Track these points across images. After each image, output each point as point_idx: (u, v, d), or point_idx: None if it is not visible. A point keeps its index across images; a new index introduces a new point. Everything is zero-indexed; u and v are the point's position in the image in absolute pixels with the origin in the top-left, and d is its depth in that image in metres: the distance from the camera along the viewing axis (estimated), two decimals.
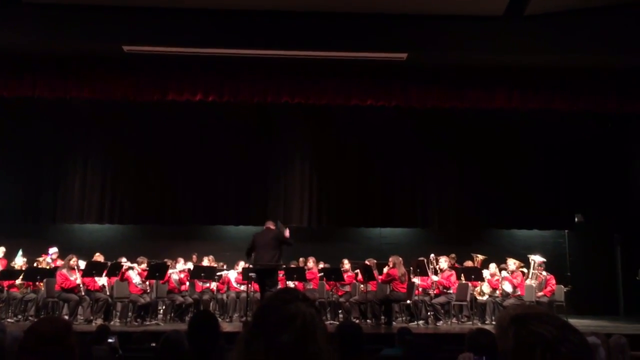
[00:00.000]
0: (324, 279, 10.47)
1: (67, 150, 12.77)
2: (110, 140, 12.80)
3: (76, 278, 9.59)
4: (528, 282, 10.54)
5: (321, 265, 11.09)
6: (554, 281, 10.47)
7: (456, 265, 11.00)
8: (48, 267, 10.35)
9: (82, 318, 9.51)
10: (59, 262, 10.36)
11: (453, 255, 11.25)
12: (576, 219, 12.78)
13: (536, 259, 10.81)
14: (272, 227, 9.12)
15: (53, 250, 10.77)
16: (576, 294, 11.69)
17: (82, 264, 9.93)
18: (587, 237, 13.04)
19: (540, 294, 10.35)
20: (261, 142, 12.87)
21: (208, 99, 9.98)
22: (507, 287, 10.32)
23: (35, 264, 10.62)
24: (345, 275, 10.38)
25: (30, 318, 9.65)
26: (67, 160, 12.74)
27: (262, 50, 9.47)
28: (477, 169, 12.90)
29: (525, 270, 10.75)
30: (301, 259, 11.29)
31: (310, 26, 9.21)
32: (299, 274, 10.00)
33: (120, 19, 9.07)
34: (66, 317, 8.97)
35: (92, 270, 9.63)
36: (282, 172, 12.84)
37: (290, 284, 9.86)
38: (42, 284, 9.99)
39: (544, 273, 10.58)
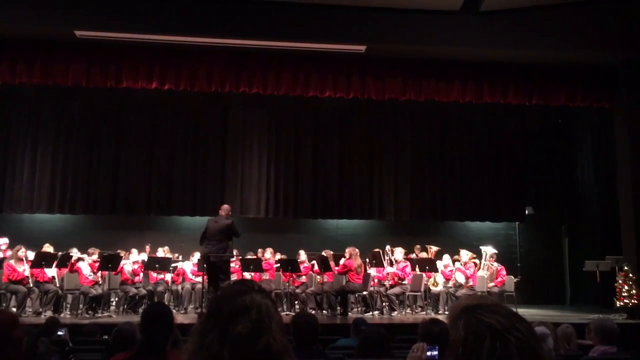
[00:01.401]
0: (281, 270, 10.47)
1: (15, 137, 12.32)
2: (61, 127, 12.42)
3: (24, 269, 9.31)
4: (480, 273, 10.78)
5: (278, 257, 11.08)
6: (504, 272, 10.75)
7: (410, 256, 11.16)
8: None
9: (30, 310, 9.25)
10: (8, 253, 10.03)
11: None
12: (526, 212, 13.16)
13: (488, 250, 11.07)
14: (224, 213, 8.99)
15: (3, 240, 10.40)
16: (525, 284, 12.05)
17: (31, 255, 9.63)
18: (536, 229, 13.45)
19: (491, 284, 10.61)
20: (218, 132, 12.73)
21: (164, 87, 9.81)
22: (460, 278, 10.54)
23: None
24: (301, 267, 10.40)
25: None
26: (15, 148, 12.29)
27: (221, 39, 9.36)
28: (432, 162, 13.11)
29: (477, 261, 10.99)
30: (259, 250, 11.25)
31: (270, 16, 9.14)
32: (256, 264, 9.97)
33: (73, 2, 8.80)
34: (14, 310, 8.71)
35: (42, 261, 9.35)
36: (239, 163, 12.72)
37: (247, 274, 9.83)
38: None
39: (495, 264, 10.84)
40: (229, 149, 12.71)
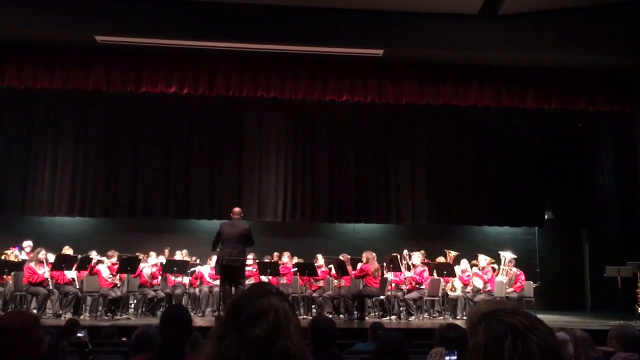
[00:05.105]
0: (298, 274, 10.47)
1: (36, 141, 12.51)
2: (81, 131, 12.59)
3: (44, 272, 9.43)
4: (498, 278, 10.68)
5: (295, 260, 11.09)
6: (523, 277, 10.64)
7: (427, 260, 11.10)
8: (16, 260, 10.15)
9: (51, 312, 9.36)
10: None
11: (422, 251, 11.36)
12: (546, 216, 13.02)
13: (507, 255, 10.96)
14: (239, 217, 8.89)
15: (27, 243, 10.56)
16: (545, 289, 11.90)
17: (51, 257, 9.76)
18: (556, 234, 13.29)
19: (510, 289, 10.51)
20: (235, 135, 12.79)
21: (182, 91, 9.88)
22: (478, 283, 10.45)
23: (2, 257, 10.40)
24: (319, 271, 10.39)
25: None
26: (36, 152, 12.48)
27: (239, 44, 9.41)
28: (449, 166, 13.04)
29: (495, 266, 10.89)
30: (275, 254, 11.28)
31: (288, 20, 9.17)
32: (273, 268, 9.98)
33: (94, 8, 8.92)
34: (35, 311, 8.82)
35: (62, 263, 9.48)
36: (256, 166, 12.78)
37: (264, 278, 9.84)
38: (9, 278, 9.80)
39: (514, 269, 10.73)
40: (246, 152, 12.77)
